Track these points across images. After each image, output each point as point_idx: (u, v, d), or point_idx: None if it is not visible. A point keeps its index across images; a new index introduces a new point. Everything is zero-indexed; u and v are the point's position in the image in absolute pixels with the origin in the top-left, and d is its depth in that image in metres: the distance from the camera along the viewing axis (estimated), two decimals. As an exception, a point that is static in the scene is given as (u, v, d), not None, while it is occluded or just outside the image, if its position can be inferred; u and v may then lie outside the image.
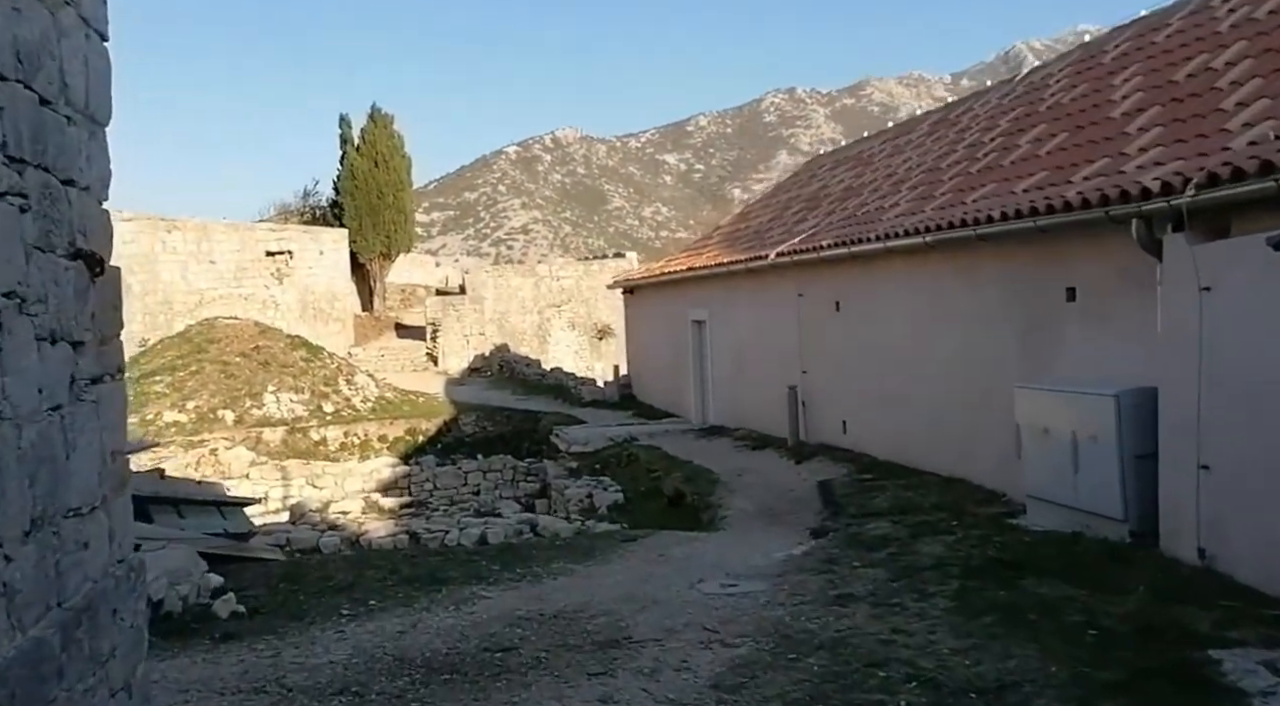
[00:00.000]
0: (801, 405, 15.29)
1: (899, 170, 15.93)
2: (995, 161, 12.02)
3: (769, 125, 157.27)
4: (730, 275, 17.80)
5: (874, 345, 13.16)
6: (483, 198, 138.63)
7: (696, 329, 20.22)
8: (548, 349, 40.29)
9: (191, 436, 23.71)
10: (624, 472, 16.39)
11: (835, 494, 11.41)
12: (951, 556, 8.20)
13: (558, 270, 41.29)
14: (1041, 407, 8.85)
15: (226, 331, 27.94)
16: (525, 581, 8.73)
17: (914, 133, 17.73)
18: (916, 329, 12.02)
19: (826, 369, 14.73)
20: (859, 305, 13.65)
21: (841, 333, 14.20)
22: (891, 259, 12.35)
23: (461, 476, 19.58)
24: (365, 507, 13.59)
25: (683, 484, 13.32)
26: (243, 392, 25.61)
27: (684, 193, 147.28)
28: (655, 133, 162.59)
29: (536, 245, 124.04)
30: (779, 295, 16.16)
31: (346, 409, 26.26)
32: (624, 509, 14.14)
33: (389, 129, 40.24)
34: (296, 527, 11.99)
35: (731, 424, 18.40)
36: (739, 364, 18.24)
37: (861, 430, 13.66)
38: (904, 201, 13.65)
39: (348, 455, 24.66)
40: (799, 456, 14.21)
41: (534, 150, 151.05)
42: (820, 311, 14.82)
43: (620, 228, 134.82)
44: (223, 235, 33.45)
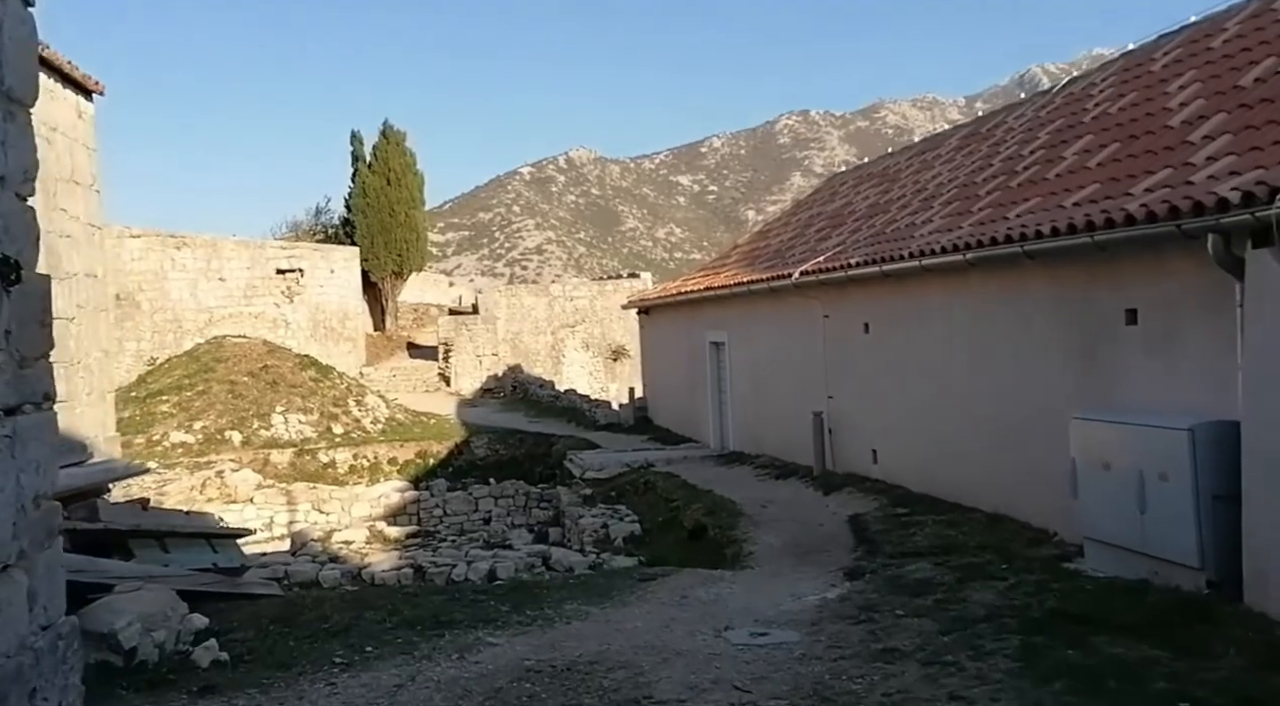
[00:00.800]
0: (828, 432, 14.55)
1: (928, 185, 15.24)
2: (1038, 175, 11.31)
3: (783, 147, 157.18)
4: (750, 295, 17.10)
5: (907, 370, 12.43)
6: (497, 218, 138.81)
7: (714, 351, 19.52)
8: (561, 370, 39.64)
9: (198, 458, 23.14)
10: (640, 501, 15.66)
11: (869, 530, 10.65)
12: (1006, 606, 7.44)
13: (571, 290, 40.70)
14: (1101, 441, 8.10)
15: (235, 350, 27.39)
16: (536, 625, 8.00)
17: (942, 148, 17.04)
18: (955, 353, 11.29)
19: (855, 394, 14.00)
20: (890, 327, 12.93)
21: (871, 356, 13.47)
22: (927, 278, 11.63)
23: (472, 502, 18.87)
24: (370, 537, 12.92)
25: (704, 516, 12.59)
26: (250, 413, 25.03)
27: (698, 214, 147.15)
28: (669, 154, 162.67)
29: (550, 266, 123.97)
30: (802, 316, 15.45)
31: (356, 430, 25.64)
32: (641, 541, 13.43)
33: (401, 146, 39.79)
34: (296, 559, 11.32)
35: (752, 450, 17.65)
36: (759, 388, 17.52)
37: (894, 460, 12.90)
38: (937, 217, 12.95)
39: (357, 478, 24.04)
40: (826, 487, 13.46)
41: (548, 171, 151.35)
42: (847, 333, 14.10)
43: (634, 249, 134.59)
44: (232, 252, 32.94)
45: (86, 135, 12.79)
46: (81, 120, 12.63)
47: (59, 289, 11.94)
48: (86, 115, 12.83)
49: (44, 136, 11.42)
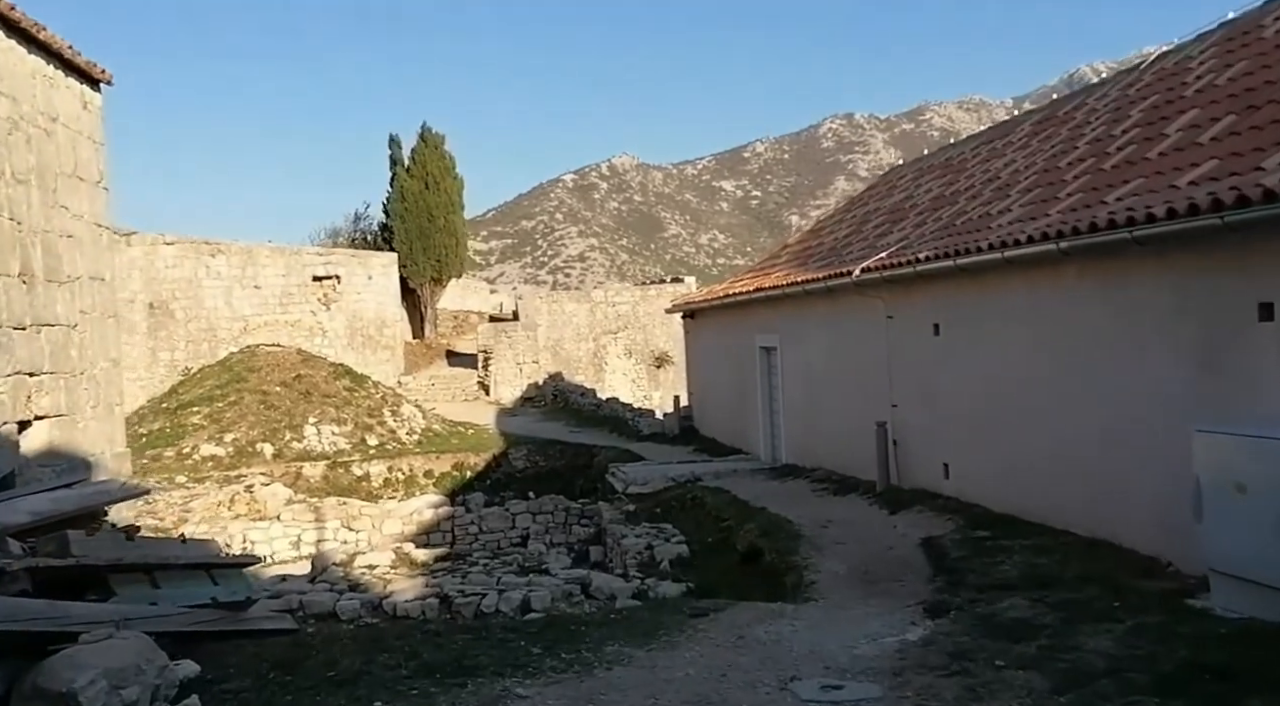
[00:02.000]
0: (892, 444, 13.34)
1: (1001, 174, 13.98)
2: (1136, 155, 10.05)
3: (827, 151, 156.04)
4: (805, 296, 15.92)
5: (985, 375, 11.20)
6: (540, 226, 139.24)
7: (765, 356, 18.34)
8: (603, 377, 38.66)
9: (229, 471, 22.37)
10: (687, 518, 14.54)
11: (947, 556, 9.44)
12: (1129, 656, 6.24)
13: (613, 296, 39.71)
14: (1234, 458, 6.84)
15: (267, 359, 26.67)
16: (572, 672, 6.91)
17: (1013, 135, 15.76)
18: (1042, 355, 10.06)
19: (923, 402, 12.78)
20: (965, 327, 11.70)
21: (942, 360, 12.25)
22: (1008, 272, 10.41)
23: (509, 519, 17.83)
24: (396, 560, 11.94)
25: (758, 537, 11.43)
26: (283, 424, 24.25)
27: (741, 219, 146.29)
28: (712, 159, 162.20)
29: (593, 273, 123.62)
30: (863, 317, 14.26)
31: (391, 442, 24.76)
32: (689, 564, 12.30)
33: (440, 150, 39.01)
34: (314, 587, 10.36)
35: (807, 463, 16.45)
36: (815, 396, 16.33)
37: (969, 476, 11.66)
38: (1016, 206, 11.71)
39: (391, 491, 23.14)
40: (892, 505, 12.24)
41: (590, 178, 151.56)
42: (914, 336, 12.89)
43: (677, 255, 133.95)
44: (268, 259, 32.30)
45: (92, 127, 11.93)
46: (87, 111, 11.78)
47: (59, 293, 11.10)
48: (93, 106, 11.98)
49: (41, 127, 10.56)
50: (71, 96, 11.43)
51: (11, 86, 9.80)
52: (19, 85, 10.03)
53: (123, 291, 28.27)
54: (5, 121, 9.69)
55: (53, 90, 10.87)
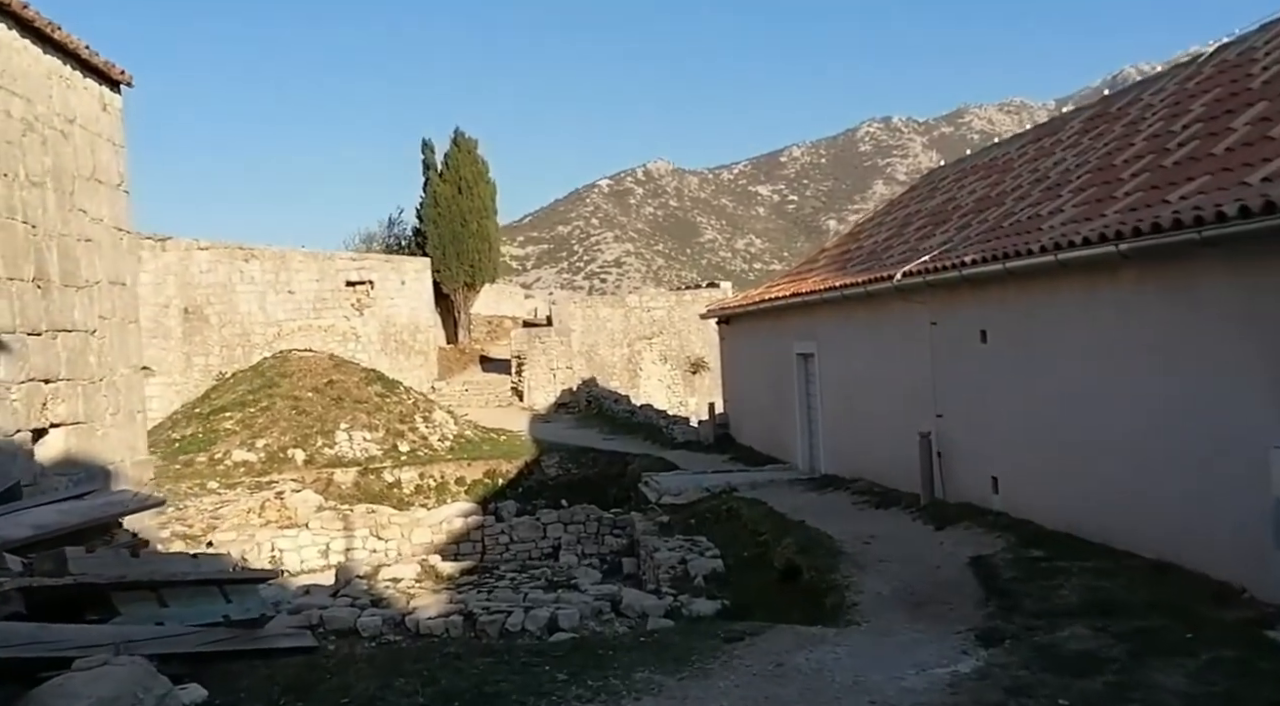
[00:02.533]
0: (936, 456, 12.77)
1: (1050, 173, 13.40)
2: (1199, 150, 9.46)
3: (864, 155, 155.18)
4: (844, 301, 15.38)
5: (1035, 384, 10.63)
6: (576, 231, 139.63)
7: (802, 363, 17.82)
8: (638, 383, 38.24)
9: (260, 477, 22.17)
10: (722, 531, 14.05)
11: (998, 577, 8.89)
12: (1204, 693, 5.71)
13: (648, 301, 39.28)
14: (1320, 477, 6.28)
15: (300, 365, 26.48)
16: (598, 703, 6.49)
17: (1062, 133, 15.16)
18: (1099, 363, 9.49)
19: (969, 413, 12.22)
20: (1014, 334, 11.14)
21: (990, 368, 11.69)
22: (1062, 275, 9.85)
23: (540, 529, 17.43)
24: (421, 573, 11.56)
25: (796, 554, 10.92)
26: (314, 430, 24.03)
27: (777, 224, 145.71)
28: (748, 164, 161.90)
29: (629, 278, 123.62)
30: (905, 323, 13.72)
31: (423, 448, 24.47)
32: (724, 580, 11.81)
33: (473, 154, 38.80)
34: (335, 602, 9.99)
35: (846, 474, 15.91)
36: (854, 404, 15.79)
37: (1020, 490, 11.09)
38: (1069, 206, 11.13)
39: (423, 499, 22.85)
40: (937, 520, 11.68)
41: (626, 183, 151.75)
42: (960, 343, 12.33)
43: (713, 260, 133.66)
44: (301, 264, 32.21)
45: (112, 130, 11.67)
46: (106, 113, 11.52)
47: (76, 298, 10.83)
48: (112, 108, 11.72)
49: (58, 129, 10.30)
50: (90, 98, 11.17)
51: (25, 87, 9.54)
52: (34, 86, 9.77)
53: (158, 297, 28.34)
54: (19, 123, 9.43)
55: (69, 91, 10.61)
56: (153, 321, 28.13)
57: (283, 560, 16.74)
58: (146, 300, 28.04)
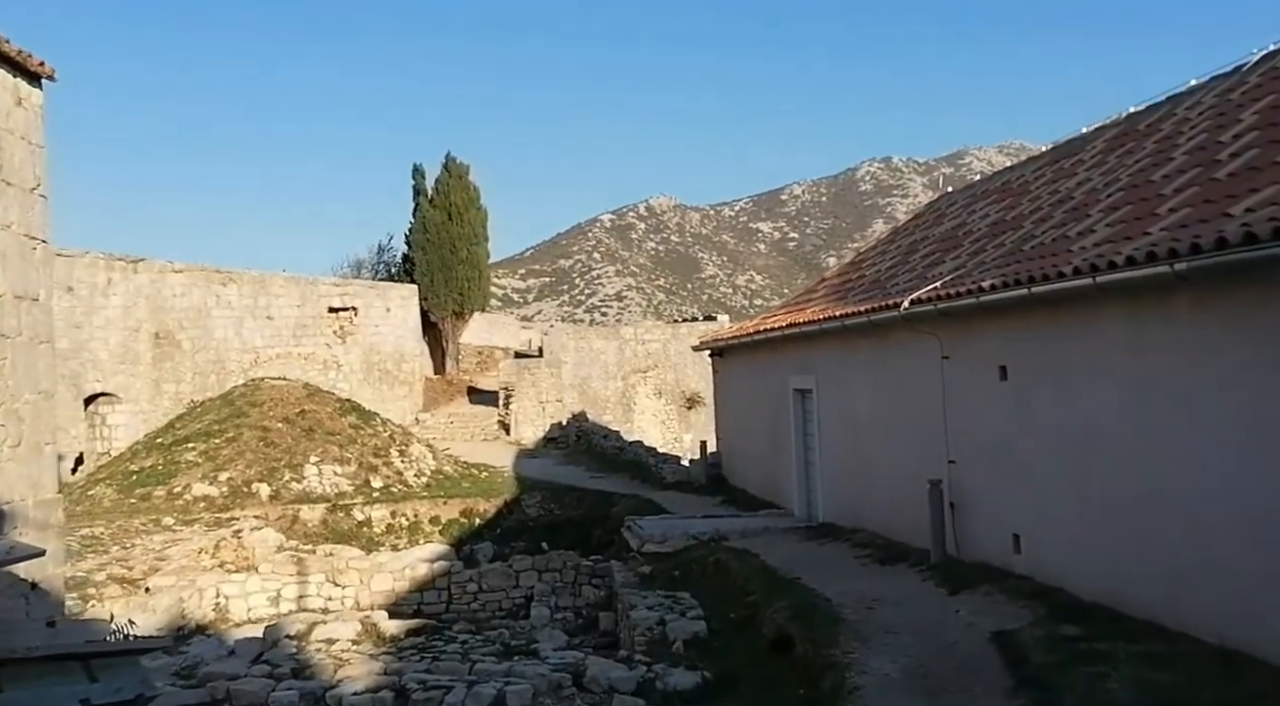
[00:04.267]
0: (949, 508, 11.37)
1: (1074, 194, 12.10)
2: (1261, 159, 8.16)
3: (864, 194, 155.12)
4: (845, 332, 14.05)
5: (1068, 428, 9.26)
6: (577, 265, 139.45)
7: (800, 400, 16.45)
8: (632, 418, 36.80)
9: (221, 513, 20.73)
10: (709, 586, 12.62)
11: (1029, 660, 7.46)
12: None
13: (643, 333, 37.90)
14: None
15: (271, 393, 25.09)
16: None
17: (1083, 153, 13.86)
18: (1147, 405, 8.13)
19: (987, 459, 10.83)
20: (1040, 370, 9.78)
21: (1009, 409, 10.31)
22: (1099, 302, 8.52)
23: (512, 577, 16.00)
24: (362, 632, 10.16)
25: (790, 621, 9.49)
26: (282, 463, 22.61)
27: (778, 261, 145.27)
28: (749, 201, 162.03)
29: (630, 312, 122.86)
30: (913, 357, 12.37)
31: (398, 484, 23.03)
32: (707, 646, 10.38)
33: (464, 179, 37.60)
34: (251, 670, 8.57)
35: (847, 523, 14.49)
36: (856, 446, 14.40)
37: (1047, 552, 9.68)
38: (1100, 227, 9.81)
39: (394, 539, 21.39)
40: (951, 582, 10.25)
41: (628, 218, 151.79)
42: (976, 379, 10.97)
43: (714, 295, 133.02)
44: (281, 289, 30.88)
45: (27, 127, 10.35)
46: (21, 108, 10.20)
47: (-33, 314, 9.50)
48: (30, 103, 10.41)
49: (-50, 120, 8.99)
50: (2, 91, 9.87)
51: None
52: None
53: (128, 320, 27.00)
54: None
55: (-31, 79, 9.32)
56: (121, 346, 26.82)
57: (228, 608, 15.31)
58: (115, 323, 26.79)
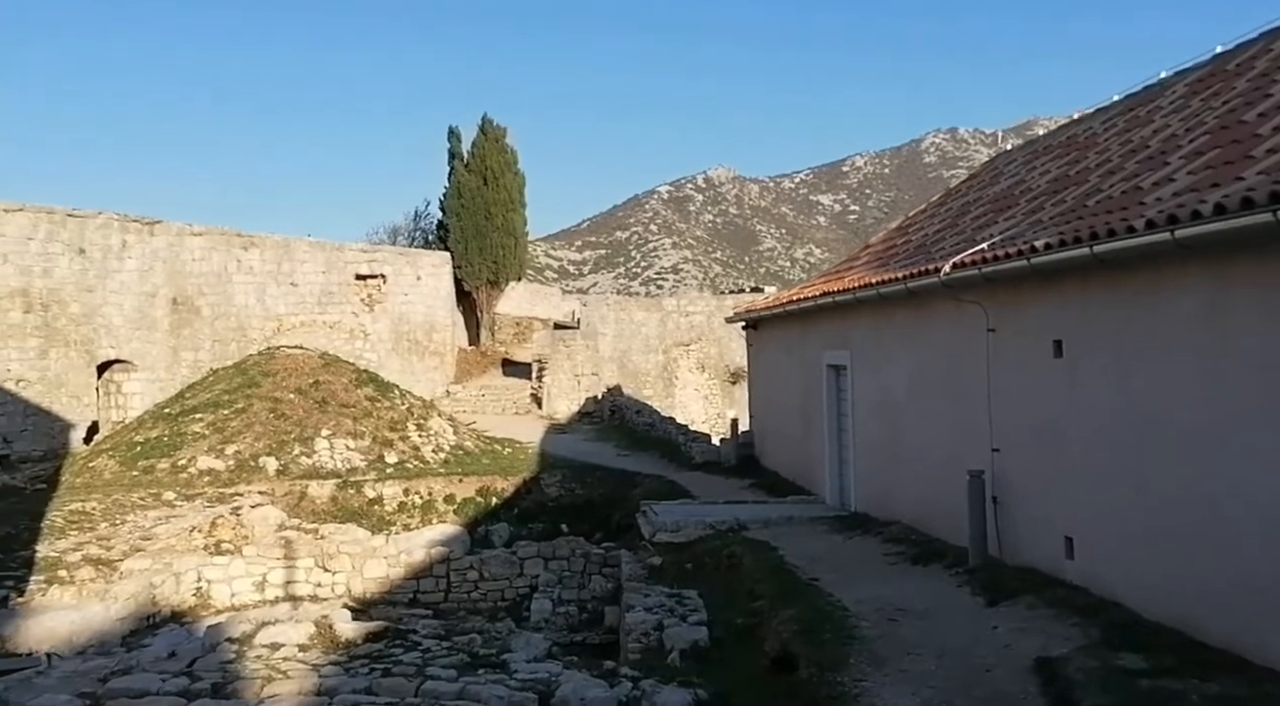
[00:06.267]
0: (991, 502, 9.84)
1: (1150, 142, 10.43)
2: (1391, 83, 6.51)
3: (929, 166, 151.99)
4: (881, 302, 12.53)
5: (1134, 415, 7.70)
6: (634, 237, 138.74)
7: (834, 377, 14.94)
8: (673, 392, 35.50)
9: (225, 488, 19.75)
10: (720, 583, 11.25)
11: (1077, 700, 5.98)
12: None
13: (686, 305, 36.44)
14: None
15: (286, 363, 24.06)
16: None
17: (1160, 99, 12.13)
18: (1236, 390, 6.56)
19: (1036, 448, 9.28)
20: (1102, 345, 8.21)
21: (1066, 390, 8.75)
22: (1177, 263, 6.96)
23: (516, 565, 14.77)
24: (315, 635, 9.00)
25: (795, 636, 8.08)
26: (292, 437, 21.58)
27: (838, 234, 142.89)
28: (810, 173, 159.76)
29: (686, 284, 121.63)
30: (955, 330, 10.83)
31: (413, 460, 21.90)
32: (707, 657, 9.00)
33: (501, 143, 36.27)
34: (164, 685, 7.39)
35: (880, 513, 13.01)
36: (892, 430, 12.88)
37: (1104, 559, 8.14)
38: (1182, 175, 8.19)
39: (406, 518, 20.29)
40: (990, 590, 8.75)
41: (686, 190, 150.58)
42: (1026, 355, 9.42)
43: (771, 269, 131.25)
44: (306, 254, 29.90)
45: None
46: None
47: None
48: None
49: None
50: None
51: None
52: None
53: (143, 285, 26.15)
54: None
55: None
56: (137, 311, 25.98)
57: (210, 593, 14.26)
58: (131, 288, 25.94)
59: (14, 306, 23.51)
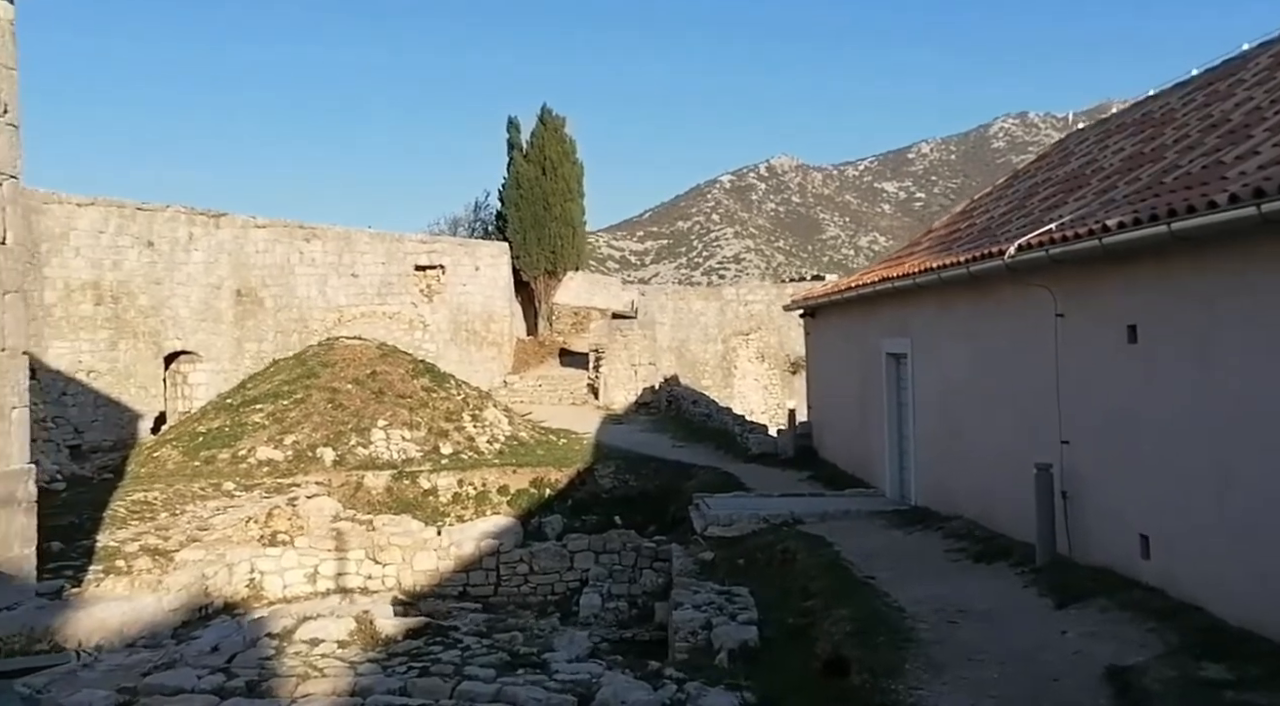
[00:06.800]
0: (1060, 497, 9.32)
1: (1231, 116, 9.78)
2: None
3: (997, 151, 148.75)
4: (942, 287, 12.01)
5: (1216, 405, 7.16)
6: (696, 226, 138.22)
7: (893, 365, 14.42)
8: (732, 382, 35.09)
9: (283, 478, 19.82)
10: (772, 579, 10.87)
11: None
12: None
13: (746, 293, 35.98)
14: None
15: (344, 353, 24.11)
16: None
17: (1242, 72, 11.43)
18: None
19: (1109, 440, 8.75)
20: (1181, 331, 7.66)
21: (1142, 379, 8.21)
22: (1265, 240, 6.41)
23: (566, 558, 14.54)
24: (355, 631, 8.82)
25: (848, 637, 7.68)
26: (349, 427, 21.60)
27: (903, 222, 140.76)
28: (874, 160, 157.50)
29: (748, 274, 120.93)
30: (1021, 316, 10.30)
31: (468, 451, 21.80)
32: (756, 657, 8.63)
33: (560, 132, 36.06)
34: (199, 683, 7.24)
35: (942, 507, 12.50)
36: (954, 421, 12.36)
37: (1185, 560, 7.60)
38: (1268, 147, 7.61)
39: (460, 509, 20.16)
40: (1059, 592, 8.25)
41: (748, 179, 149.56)
42: (1097, 342, 8.88)
43: (835, 257, 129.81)
44: (366, 245, 30.00)
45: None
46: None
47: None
48: None
49: None
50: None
51: None
52: None
53: (209, 277, 26.43)
54: None
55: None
56: (203, 303, 26.29)
57: (263, 584, 14.24)
58: (197, 280, 26.24)
59: (85, 299, 23.93)
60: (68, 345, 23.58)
